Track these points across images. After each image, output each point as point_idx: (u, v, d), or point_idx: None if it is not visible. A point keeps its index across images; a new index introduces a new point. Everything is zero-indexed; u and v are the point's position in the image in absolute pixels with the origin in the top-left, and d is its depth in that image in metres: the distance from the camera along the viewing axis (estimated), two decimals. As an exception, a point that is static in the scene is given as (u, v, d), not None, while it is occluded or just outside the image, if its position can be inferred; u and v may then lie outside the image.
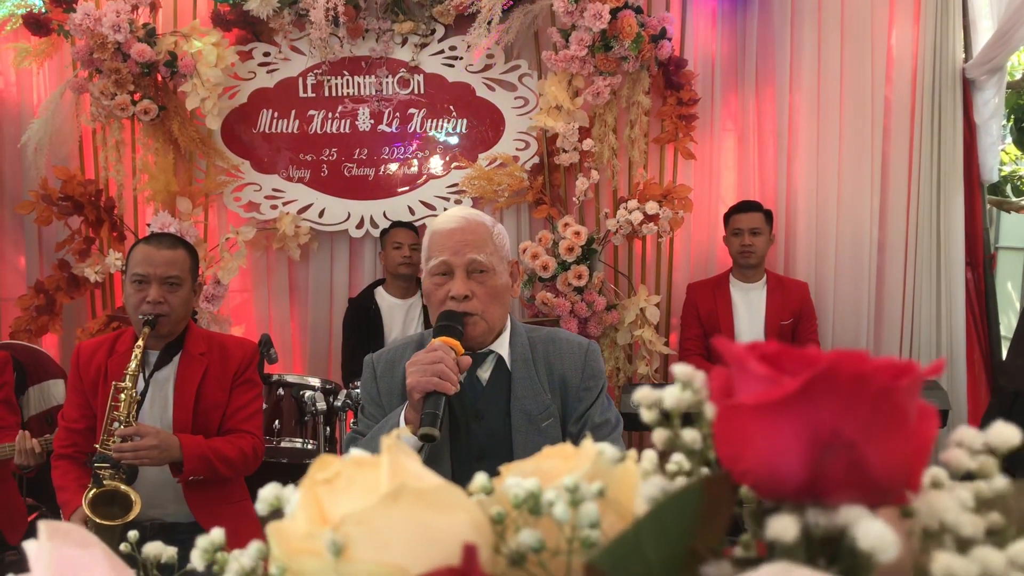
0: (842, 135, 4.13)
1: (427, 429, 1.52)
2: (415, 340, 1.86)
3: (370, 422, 1.80)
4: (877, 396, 0.38)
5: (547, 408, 1.77)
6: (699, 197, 4.07)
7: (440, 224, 1.76)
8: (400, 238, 3.80)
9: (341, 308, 4.06)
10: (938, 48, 4.04)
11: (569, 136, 3.78)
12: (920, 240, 4.13)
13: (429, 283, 1.75)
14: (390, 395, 1.79)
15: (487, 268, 1.72)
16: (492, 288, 1.74)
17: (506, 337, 1.81)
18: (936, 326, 4.16)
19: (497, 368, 1.79)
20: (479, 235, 1.74)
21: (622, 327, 3.91)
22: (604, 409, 1.82)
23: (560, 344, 1.84)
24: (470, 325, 1.70)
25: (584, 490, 0.44)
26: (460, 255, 1.71)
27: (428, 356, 1.59)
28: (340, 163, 4.12)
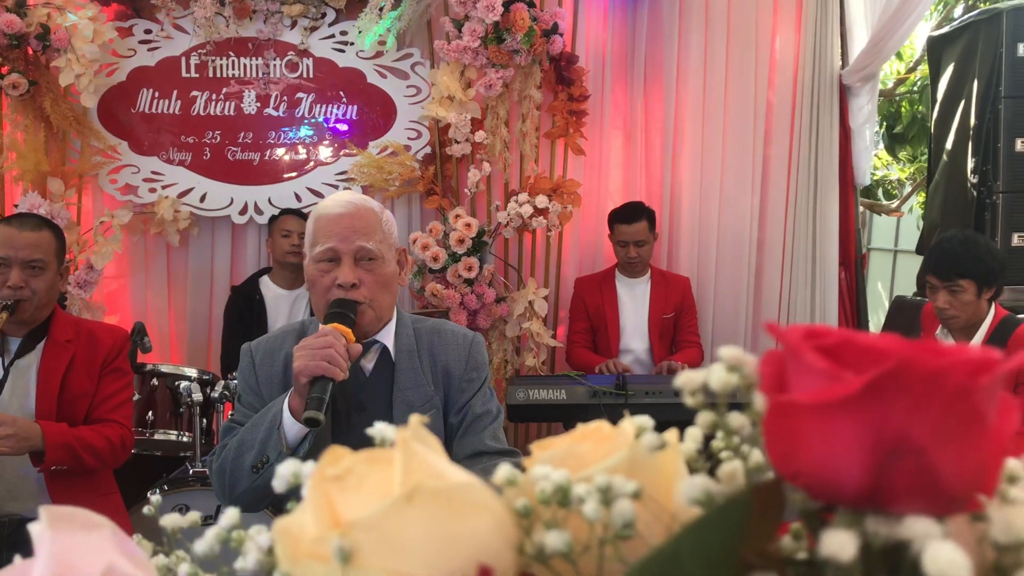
0: (726, 135, 4.25)
1: (312, 413, 1.49)
2: (296, 329, 1.81)
3: (248, 411, 1.74)
4: (953, 397, 0.34)
5: (430, 399, 1.75)
6: (587, 192, 4.12)
7: (327, 209, 1.71)
8: (289, 226, 3.70)
9: (222, 297, 3.93)
10: (817, 54, 4.20)
11: (461, 127, 3.77)
12: (797, 239, 4.29)
13: (314, 269, 1.70)
14: (269, 384, 1.74)
15: (376, 256, 1.69)
16: (381, 276, 1.70)
17: (392, 327, 1.78)
18: (811, 321, 4.31)
19: (381, 359, 1.76)
20: (368, 221, 1.70)
21: (511, 319, 3.93)
22: (485, 400, 1.81)
23: (445, 335, 1.82)
24: (358, 314, 1.67)
25: (618, 487, 0.41)
26: (348, 241, 1.66)
27: (319, 340, 1.54)
28: (224, 146, 3.99)
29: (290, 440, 1.57)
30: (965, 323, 2.80)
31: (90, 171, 3.82)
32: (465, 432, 1.76)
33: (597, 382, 3.31)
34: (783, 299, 4.32)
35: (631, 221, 3.72)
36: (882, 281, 7.75)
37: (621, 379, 3.27)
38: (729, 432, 0.45)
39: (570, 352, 3.89)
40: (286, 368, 1.72)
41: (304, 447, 1.60)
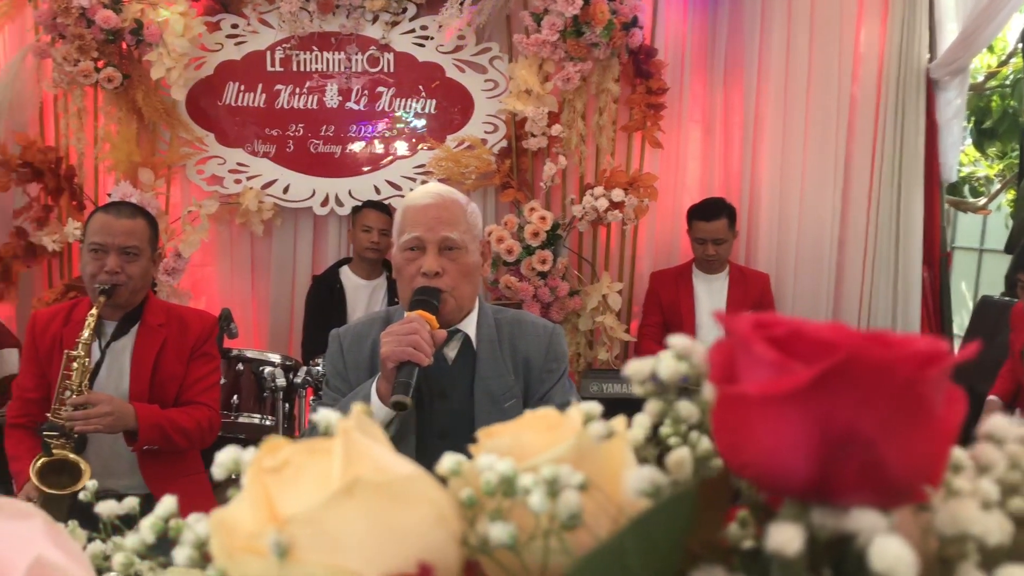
0: (807, 130, 4.18)
1: (399, 397, 1.54)
2: (382, 316, 1.86)
3: (336, 395, 1.80)
4: (901, 389, 0.34)
5: (510, 389, 1.78)
6: (664, 186, 4.09)
7: (414, 199, 1.76)
8: (370, 221, 3.75)
9: (303, 285, 4.04)
10: (904, 48, 4.10)
11: (538, 121, 3.79)
12: (879, 237, 4.20)
13: (400, 258, 1.75)
14: (357, 369, 1.79)
15: (459, 246, 1.73)
16: (463, 266, 1.74)
17: (474, 317, 1.82)
18: (892, 322, 4.23)
19: (463, 347, 1.80)
20: (453, 212, 1.74)
21: (584, 313, 3.93)
22: (565, 391, 1.84)
23: (526, 326, 1.85)
24: (441, 302, 1.71)
25: (564, 479, 0.40)
26: (433, 231, 1.71)
27: (404, 327, 1.59)
28: (306, 139, 4.08)
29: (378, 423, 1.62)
30: (1056, 324, 2.72)
31: (178, 162, 3.95)
32: None
33: (671, 377, 3.29)
34: (864, 298, 4.23)
35: (710, 218, 3.68)
36: (966, 281, 7.51)
37: (694, 374, 3.25)
38: (678, 421, 0.44)
39: (639, 345, 3.88)
40: (373, 354, 1.77)
41: (391, 430, 1.65)
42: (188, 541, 0.49)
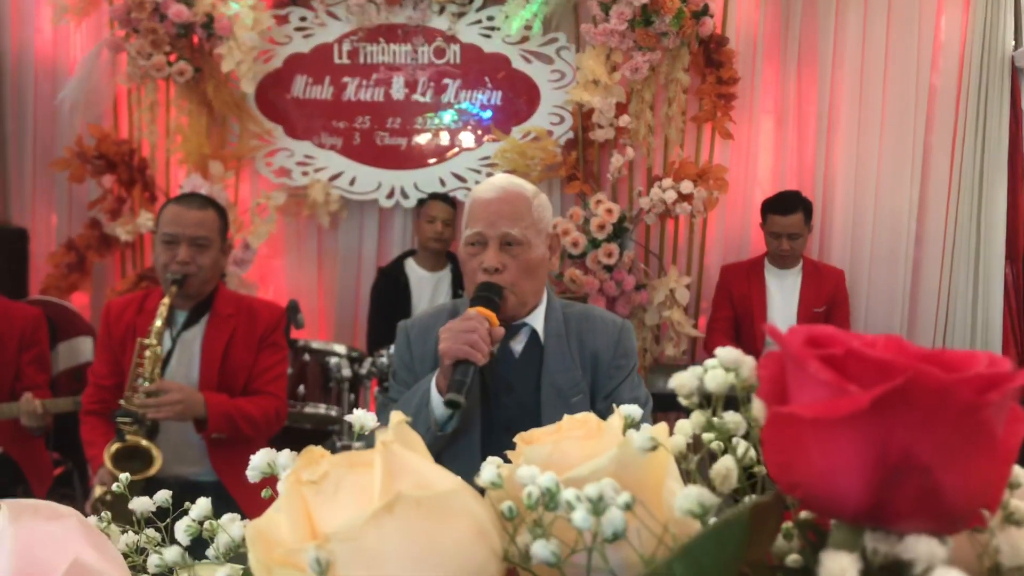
0: (884, 121, 4.05)
1: (453, 396, 1.53)
2: (448, 308, 1.85)
3: (402, 388, 1.79)
4: (961, 414, 0.33)
5: (577, 384, 1.75)
6: (735, 179, 4.00)
7: (480, 193, 1.75)
8: (435, 212, 3.77)
9: (369, 277, 4.05)
10: (987, 34, 3.93)
11: (605, 111, 3.73)
12: (959, 232, 4.05)
13: (464, 252, 1.74)
14: (423, 361, 1.78)
15: (521, 242, 1.70)
16: (525, 262, 1.71)
17: (541, 311, 1.79)
18: (972, 320, 4.08)
19: (531, 341, 1.78)
20: (517, 207, 1.71)
21: (651, 307, 3.87)
22: (634, 387, 1.81)
23: (595, 321, 1.82)
24: (502, 298, 1.69)
25: (609, 497, 0.39)
26: (495, 227, 1.69)
27: (462, 324, 1.58)
28: (373, 131, 4.09)
29: (438, 417, 1.61)
30: None
31: (247, 154, 3.99)
32: None
33: (741, 373, 3.22)
34: (942, 296, 4.08)
35: (787, 212, 3.59)
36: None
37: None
38: (725, 433, 0.43)
39: (710, 339, 3.80)
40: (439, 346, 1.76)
41: (451, 424, 1.63)
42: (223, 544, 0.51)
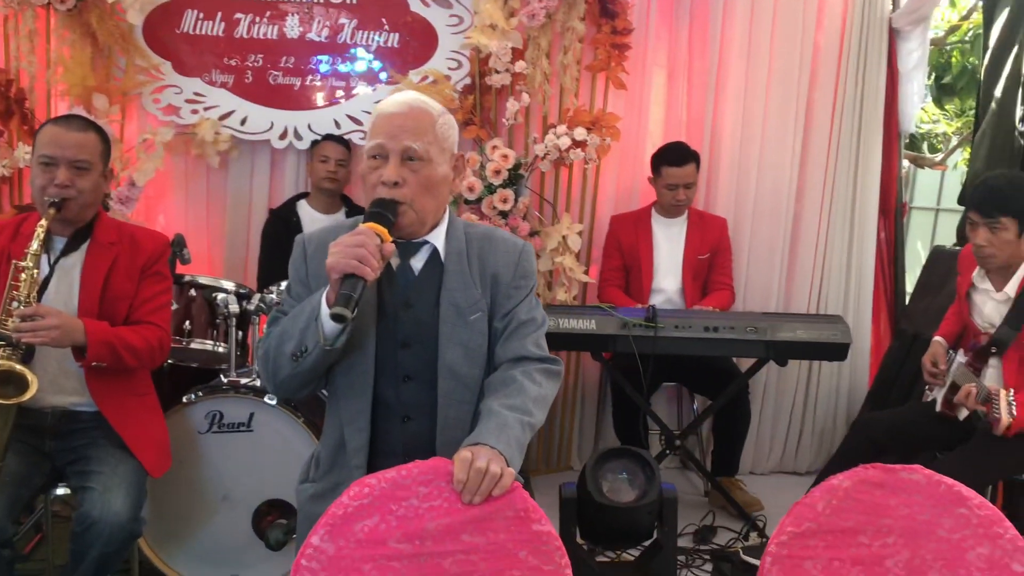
0: (770, 78, 4.18)
1: (338, 309, 1.54)
2: (347, 224, 1.86)
3: (295, 302, 1.80)
4: None
5: (476, 303, 1.80)
6: (627, 131, 4.08)
7: (384, 107, 1.77)
8: (328, 152, 3.76)
9: (259, 219, 3.99)
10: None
11: (502, 56, 3.75)
12: (837, 186, 4.24)
13: (364, 165, 1.76)
14: (318, 277, 1.79)
15: (422, 157, 1.72)
16: (425, 178, 1.73)
17: (443, 229, 1.83)
18: (846, 270, 4.30)
19: (431, 259, 1.82)
20: (420, 122, 1.73)
21: (544, 253, 3.93)
22: (531, 308, 1.87)
23: (496, 242, 1.87)
24: (398, 214, 1.70)
25: None
26: (396, 140, 1.71)
27: (352, 239, 1.59)
28: (266, 70, 4.00)
29: (327, 332, 1.63)
30: (1002, 263, 2.78)
31: (133, 89, 3.85)
32: (509, 337, 1.82)
33: (627, 314, 3.32)
34: (819, 247, 4.27)
35: (681, 164, 3.72)
36: (922, 240, 7.64)
37: (651, 311, 3.28)
38: None
39: (602, 290, 3.91)
40: None
41: (341, 339, 1.65)
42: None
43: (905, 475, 1.37)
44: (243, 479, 2.82)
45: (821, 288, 4.30)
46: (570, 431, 4.27)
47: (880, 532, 1.32)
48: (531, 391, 1.74)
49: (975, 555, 1.30)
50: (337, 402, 1.80)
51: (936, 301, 3.90)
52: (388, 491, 1.40)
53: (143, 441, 2.41)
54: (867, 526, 1.33)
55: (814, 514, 1.36)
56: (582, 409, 4.29)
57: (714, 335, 3.26)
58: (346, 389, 1.77)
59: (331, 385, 1.81)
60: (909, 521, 1.33)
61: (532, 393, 1.74)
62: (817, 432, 4.38)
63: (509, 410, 1.68)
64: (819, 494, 1.38)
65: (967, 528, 1.31)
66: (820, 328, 3.30)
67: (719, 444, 3.82)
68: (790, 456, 4.40)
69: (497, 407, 1.68)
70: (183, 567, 2.83)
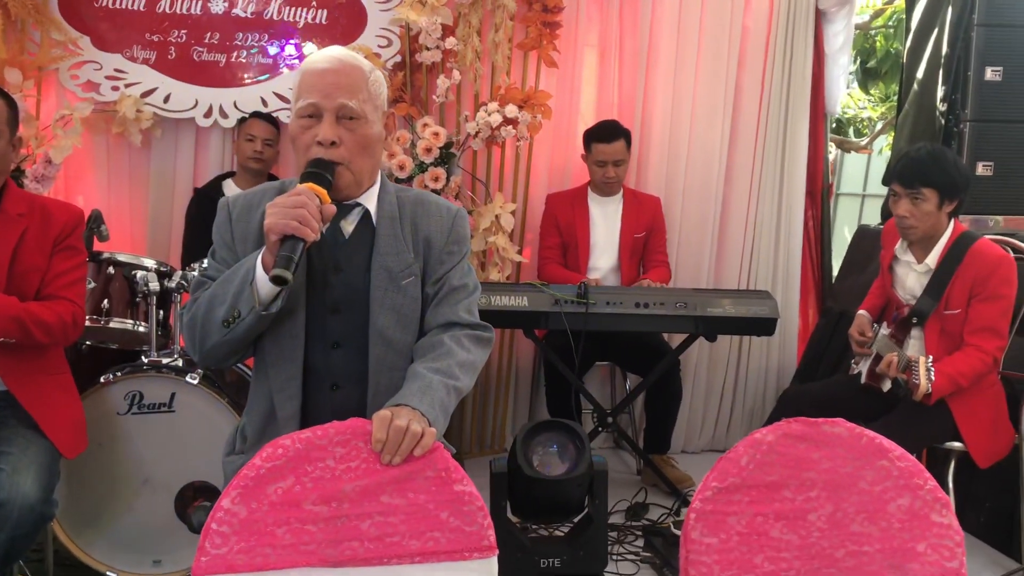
0: (699, 58, 4.22)
1: (279, 271, 1.49)
2: (275, 186, 1.81)
3: (220, 266, 1.74)
4: None
5: (409, 267, 1.76)
6: (559, 110, 4.07)
7: (313, 63, 1.70)
8: (254, 131, 3.68)
9: (183, 198, 3.88)
10: (794, -23, 4.16)
11: (432, 32, 3.70)
12: (766, 166, 4.30)
13: (295, 125, 1.69)
14: (244, 241, 1.73)
15: (358, 115, 1.67)
16: (362, 137, 1.69)
17: (375, 192, 1.78)
18: (774, 250, 4.36)
19: (362, 222, 1.77)
20: (353, 79, 1.67)
21: (477, 233, 3.90)
22: (463, 274, 1.84)
23: (429, 206, 1.83)
24: (335, 175, 1.65)
25: None
26: (331, 98, 1.65)
27: (291, 199, 1.54)
28: (189, 46, 3.89)
29: (262, 296, 1.58)
30: (923, 235, 2.83)
31: (49, 64, 3.71)
32: (440, 302, 1.79)
33: (559, 291, 3.32)
34: (748, 226, 4.33)
35: (610, 140, 3.73)
36: (849, 225, 7.80)
37: (583, 288, 3.28)
38: None
39: (542, 268, 3.91)
40: (262, 225, 1.71)
41: (277, 304, 1.60)
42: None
43: (827, 428, 1.38)
44: (165, 461, 2.74)
45: (751, 268, 4.35)
46: (504, 412, 4.25)
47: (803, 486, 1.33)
48: (459, 355, 1.71)
49: (895, 506, 1.31)
50: (266, 370, 1.74)
51: (861, 279, 3.98)
52: (303, 452, 1.36)
53: (56, 421, 2.32)
54: (790, 480, 1.33)
55: (738, 469, 1.36)
56: (515, 389, 4.28)
57: (645, 311, 3.28)
58: (276, 356, 1.72)
59: (259, 353, 1.75)
60: (832, 474, 1.33)
61: (459, 357, 1.71)
62: (747, 410, 4.45)
63: (434, 373, 1.65)
64: (743, 449, 1.38)
65: (888, 480, 1.32)
66: (749, 303, 3.33)
67: (651, 422, 3.84)
68: (721, 434, 4.45)
69: (422, 370, 1.65)
70: (102, 554, 2.73)
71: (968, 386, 2.71)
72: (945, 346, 2.81)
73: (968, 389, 2.73)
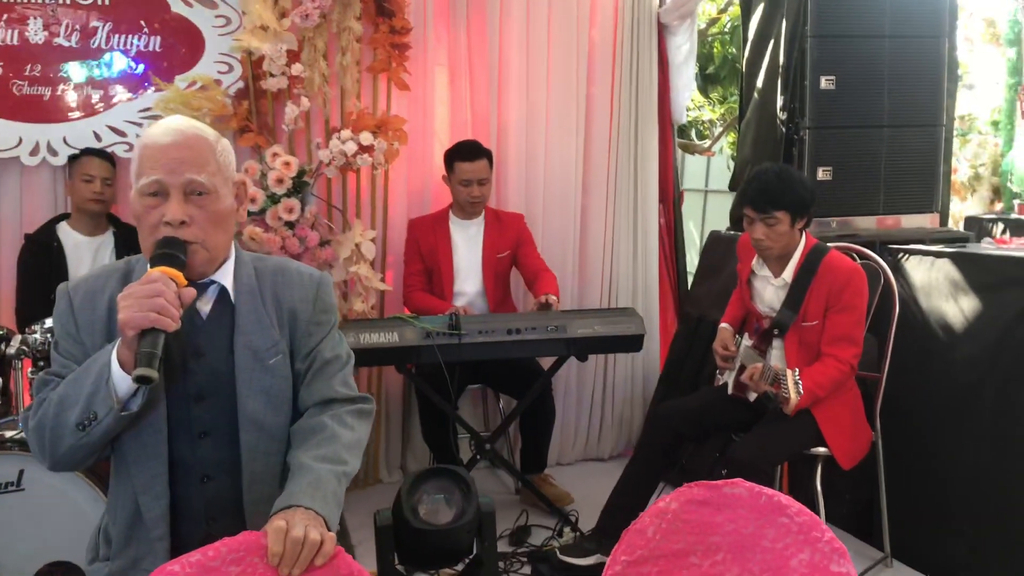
0: (550, 74, 4.24)
1: (143, 370, 1.36)
2: (120, 268, 1.65)
3: (67, 361, 1.57)
4: None
5: (275, 344, 1.64)
6: (414, 131, 3.99)
7: (154, 137, 1.55)
8: (92, 170, 3.42)
9: (12, 245, 3.57)
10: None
11: (276, 59, 3.55)
12: (619, 177, 4.38)
13: (139, 204, 1.54)
14: (91, 330, 1.57)
15: (208, 190, 1.55)
16: (214, 213, 1.56)
17: (230, 266, 1.65)
18: (633, 259, 4.45)
19: (220, 300, 1.64)
20: (200, 151, 1.55)
21: (337, 264, 3.78)
22: (335, 344, 1.74)
23: (290, 275, 1.71)
24: (189, 254, 1.53)
25: None
26: (177, 174, 1.52)
27: (146, 288, 1.40)
28: (8, 80, 3.58)
29: (121, 395, 1.44)
30: (780, 253, 2.93)
31: None
32: (314, 378, 1.68)
33: (429, 323, 3.26)
34: (607, 237, 4.40)
35: (473, 159, 3.69)
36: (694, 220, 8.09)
37: (454, 319, 3.23)
38: None
39: (408, 296, 3.82)
40: (110, 312, 1.55)
41: (137, 402, 1.47)
42: None
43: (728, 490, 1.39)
44: (17, 545, 2.51)
45: (611, 278, 4.42)
46: (376, 445, 4.14)
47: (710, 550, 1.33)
48: (343, 437, 1.62)
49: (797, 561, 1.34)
50: (127, 468, 1.59)
51: (717, 284, 4.11)
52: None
53: None
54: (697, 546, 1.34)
55: (645, 540, 1.35)
56: (387, 421, 4.18)
57: (517, 337, 3.26)
58: (137, 453, 1.58)
59: (118, 450, 1.60)
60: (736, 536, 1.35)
61: (345, 439, 1.62)
62: (617, 418, 4.52)
63: (321, 461, 1.55)
64: (648, 519, 1.38)
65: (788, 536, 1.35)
66: (616, 322, 3.38)
67: (526, 442, 3.84)
68: (593, 443, 4.51)
69: (308, 460, 1.55)
70: (-50, 653, 2.49)
71: (826, 396, 2.84)
72: (804, 356, 2.93)
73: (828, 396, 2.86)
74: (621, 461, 4.45)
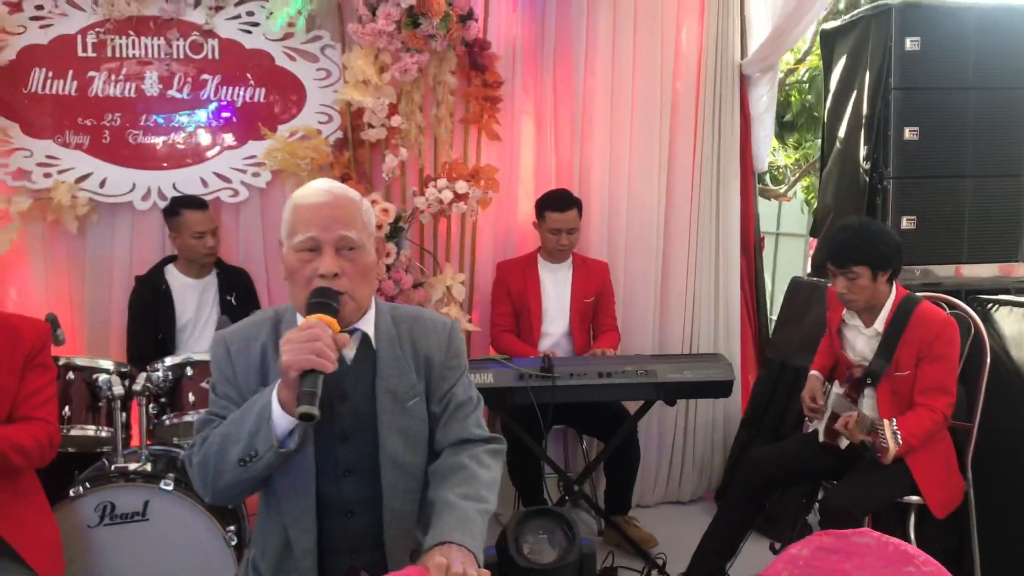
0: (633, 124, 4.33)
1: (306, 408, 1.48)
2: (270, 317, 1.78)
3: (225, 403, 1.70)
4: None
5: (413, 387, 1.76)
6: (501, 178, 4.11)
7: (306, 198, 1.69)
8: (200, 226, 3.57)
9: (123, 286, 3.76)
10: (719, 45, 4.35)
11: (378, 111, 3.72)
12: (701, 225, 4.44)
13: (294, 259, 1.67)
14: (247, 374, 1.71)
15: (357, 245, 1.68)
16: (362, 266, 1.69)
17: (371, 315, 1.78)
18: (715, 305, 4.49)
19: (362, 347, 1.76)
20: (348, 211, 1.69)
21: (429, 305, 3.91)
22: (466, 387, 1.86)
23: (424, 323, 1.83)
24: (340, 304, 1.66)
25: None
26: (330, 231, 1.65)
27: (305, 333, 1.53)
28: (124, 130, 3.81)
29: (278, 433, 1.56)
30: (865, 305, 2.98)
31: (-24, 155, 3.59)
32: (449, 420, 1.79)
33: (523, 365, 3.35)
34: (689, 284, 4.45)
35: (564, 209, 3.80)
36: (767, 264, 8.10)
37: (547, 361, 3.32)
38: None
39: (496, 337, 3.92)
40: (263, 357, 1.69)
41: (293, 439, 1.59)
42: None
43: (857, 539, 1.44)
44: (142, 572, 2.64)
45: (693, 324, 4.47)
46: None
47: (841, 595, 1.38)
48: (482, 476, 1.72)
49: (925, 608, 1.38)
50: (277, 503, 1.71)
51: (799, 330, 4.13)
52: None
53: (34, 546, 2.23)
54: (829, 591, 1.39)
55: (779, 583, 1.41)
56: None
57: (608, 380, 3.33)
58: (287, 489, 1.69)
59: (268, 487, 1.72)
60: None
61: (484, 478, 1.72)
62: (698, 461, 4.54)
63: (465, 499, 1.64)
64: (781, 565, 1.43)
65: (916, 584, 1.39)
66: (706, 368, 3.42)
67: (611, 484, 3.89)
68: (674, 486, 4.53)
69: (453, 498, 1.64)
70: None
71: (920, 445, 2.85)
72: (896, 405, 2.95)
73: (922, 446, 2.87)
74: (701, 504, 4.47)
